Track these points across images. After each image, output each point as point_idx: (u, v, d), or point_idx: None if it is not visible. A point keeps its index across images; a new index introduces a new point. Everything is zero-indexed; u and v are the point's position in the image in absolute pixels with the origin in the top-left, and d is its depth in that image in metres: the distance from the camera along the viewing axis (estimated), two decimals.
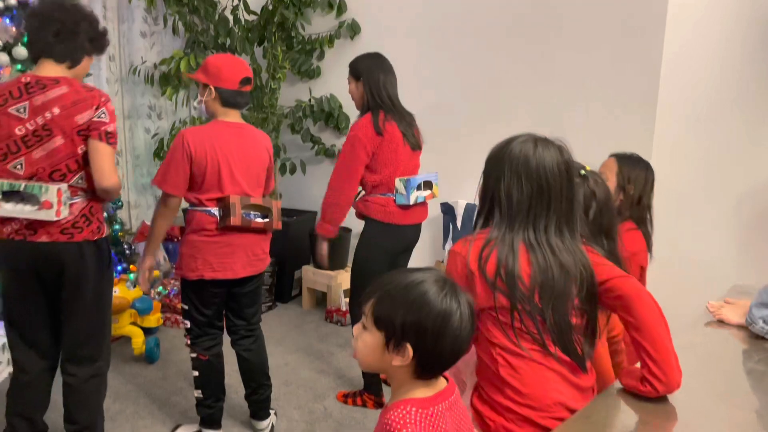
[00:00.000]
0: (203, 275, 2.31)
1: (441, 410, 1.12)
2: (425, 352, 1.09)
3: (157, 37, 4.24)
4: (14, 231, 1.98)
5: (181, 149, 2.22)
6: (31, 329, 2.11)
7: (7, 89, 1.97)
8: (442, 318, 1.08)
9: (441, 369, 1.14)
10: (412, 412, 1.09)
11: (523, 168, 1.38)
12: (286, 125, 4.20)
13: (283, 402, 2.88)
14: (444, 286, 1.11)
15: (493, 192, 1.42)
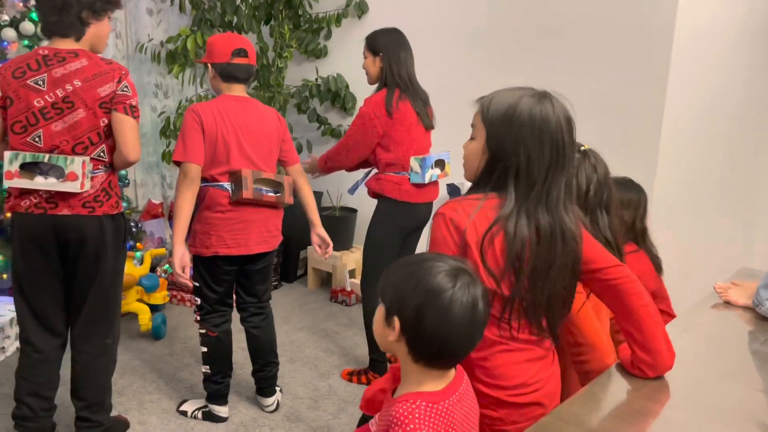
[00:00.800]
0: (217, 252, 2.32)
1: (451, 404, 1.08)
2: (410, 329, 1.06)
3: (163, 15, 4.21)
4: (33, 205, 1.98)
5: (193, 121, 2.23)
6: (44, 306, 2.09)
7: (24, 61, 1.96)
8: (428, 292, 1.04)
9: (433, 357, 1.07)
10: (421, 407, 1.05)
11: (545, 129, 1.21)
12: (292, 105, 4.19)
13: (288, 379, 2.90)
14: (452, 268, 1.06)
15: (508, 158, 1.22)
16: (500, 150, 1.23)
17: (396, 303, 1.07)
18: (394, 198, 2.68)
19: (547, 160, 1.22)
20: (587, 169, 1.55)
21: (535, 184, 1.22)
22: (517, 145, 1.21)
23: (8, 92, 1.94)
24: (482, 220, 1.22)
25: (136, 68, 4.12)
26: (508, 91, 1.27)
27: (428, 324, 1.04)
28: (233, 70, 2.31)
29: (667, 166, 3.05)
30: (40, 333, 2.11)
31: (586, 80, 3.19)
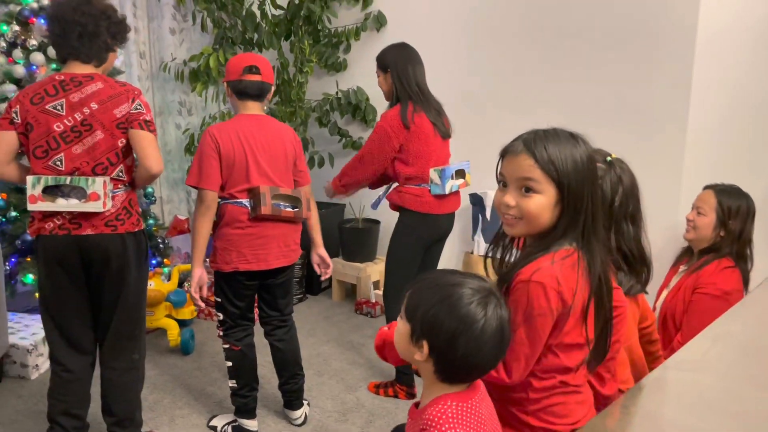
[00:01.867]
0: (237, 267, 2.35)
1: (478, 401, 1.10)
2: (440, 353, 1.07)
3: (186, 34, 4.29)
4: (57, 226, 2.03)
5: (210, 144, 2.27)
6: (72, 325, 2.13)
7: (41, 87, 2.01)
8: (460, 322, 1.05)
9: (460, 379, 1.11)
10: (453, 406, 1.07)
11: (596, 171, 1.27)
12: (313, 118, 4.23)
13: (315, 392, 2.91)
14: (480, 293, 1.07)
15: (585, 208, 1.24)
16: (579, 201, 1.24)
17: (427, 327, 1.08)
18: (416, 210, 2.69)
19: (600, 201, 1.27)
20: (612, 179, 1.53)
21: (601, 228, 1.27)
22: (592, 193, 1.25)
23: (28, 118, 1.98)
24: (572, 279, 1.23)
25: (160, 87, 4.20)
26: (554, 139, 1.25)
27: (460, 351, 1.06)
28: (244, 87, 2.35)
29: (693, 169, 3.01)
30: (69, 352, 2.14)
31: (606, 85, 3.17)
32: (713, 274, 2.08)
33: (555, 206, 1.24)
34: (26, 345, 2.92)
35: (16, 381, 2.92)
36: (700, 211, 2.18)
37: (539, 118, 2.40)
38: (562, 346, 1.27)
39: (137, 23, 3.97)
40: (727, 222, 2.10)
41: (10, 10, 3.10)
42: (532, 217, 1.25)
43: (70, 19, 2.00)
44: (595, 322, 1.27)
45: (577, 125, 1.34)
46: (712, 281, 2.06)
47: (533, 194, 1.24)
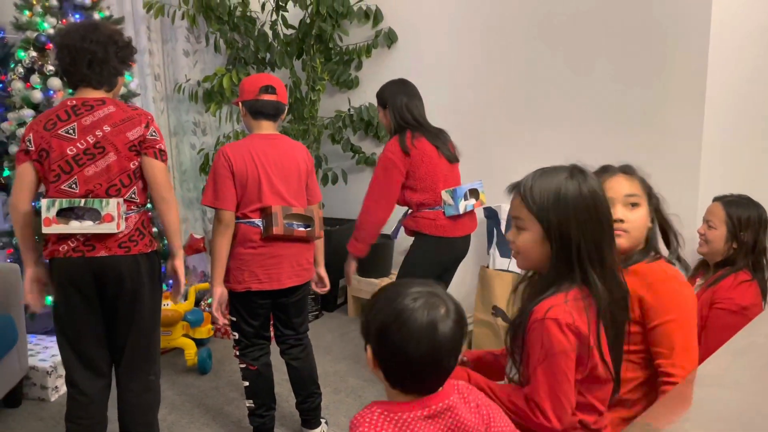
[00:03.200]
0: (250, 287, 2.36)
1: (413, 417, 1.07)
2: (378, 353, 1.09)
3: (199, 55, 4.35)
4: (71, 249, 2.04)
5: (223, 164, 2.29)
6: (87, 347, 2.13)
7: (53, 113, 2.04)
8: (388, 315, 1.07)
9: (406, 381, 1.09)
10: (375, 414, 1.07)
11: (598, 204, 1.28)
12: (326, 136, 4.25)
13: (333, 410, 2.90)
14: (418, 292, 1.08)
15: (575, 241, 1.26)
16: (565, 236, 1.26)
17: (365, 331, 1.12)
18: (431, 234, 2.69)
19: (607, 232, 1.29)
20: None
21: (605, 260, 1.28)
22: (583, 227, 1.26)
23: (42, 144, 2.01)
24: (580, 308, 1.27)
25: (174, 108, 4.25)
26: (546, 176, 1.30)
27: (389, 346, 1.07)
28: (260, 107, 2.38)
29: (709, 180, 2.97)
30: (85, 375, 2.14)
31: (618, 97, 3.15)
32: (730, 288, 2.04)
33: (542, 242, 1.29)
34: (45, 367, 2.94)
35: (35, 403, 2.94)
36: (710, 224, 2.16)
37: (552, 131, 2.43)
38: (585, 384, 1.29)
39: (152, 46, 4.03)
40: (739, 234, 2.06)
41: (27, 36, 3.16)
42: (522, 252, 1.34)
43: (79, 48, 2.03)
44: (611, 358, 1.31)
45: (588, 138, 1.35)
46: (729, 296, 2.03)
47: (522, 231, 1.32)
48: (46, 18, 3.15)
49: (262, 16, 4.15)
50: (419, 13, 3.90)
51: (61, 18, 3.18)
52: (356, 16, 4.03)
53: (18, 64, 3.19)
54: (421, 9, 3.89)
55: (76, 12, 3.22)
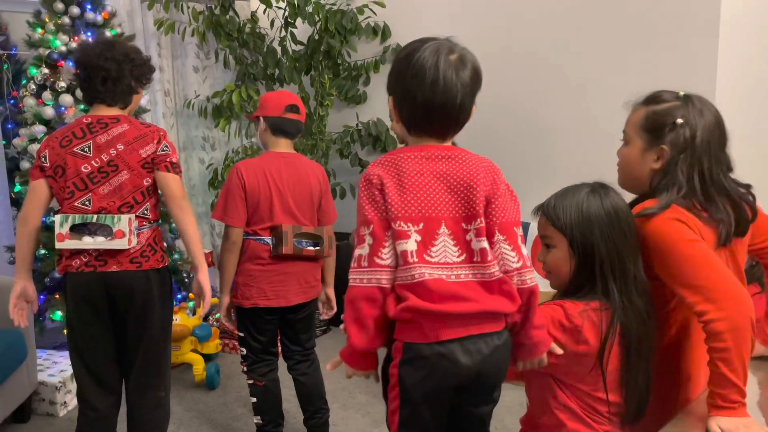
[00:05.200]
0: (257, 303, 2.36)
1: (410, 156, 1.21)
2: (395, 99, 1.22)
3: (209, 71, 4.39)
4: (83, 264, 2.05)
5: (236, 181, 2.31)
6: (99, 362, 2.13)
7: (69, 130, 2.06)
8: (401, 59, 1.20)
9: (416, 119, 1.22)
10: (382, 157, 1.25)
11: (622, 217, 1.31)
12: (334, 150, 4.26)
13: (341, 426, 2.88)
14: (437, 39, 1.21)
15: (599, 255, 1.30)
16: (589, 250, 1.30)
17: (388, 84, 1.25)
18: None
19: (630, 244, 1.30)
20: (691, 114, 1.38)
21: (628, 271, 1.30)
22: (603, 238, 1.29)
23: (58, 161, 2.03)
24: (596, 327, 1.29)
25: (184, 123, 4.28)
26: (568, 192, 1.35)
27: (401, 85, 1.20)
28: (284, 125, 2.39)
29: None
30: (97, 390, 2.14)
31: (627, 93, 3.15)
32: None
33: (570, 257, 1.33)
34: (54, 382, 2.94)
35: (44, 419, 2.94)
36: None
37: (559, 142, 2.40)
38: (580, 393, 1.31)
39: (162, 62, 4.08)
40: None
41: (39, 53, 3.20)
42: (553, 270, 1.37)
43: (94, 65, 2.05)
44: (627, 377, 1.31)
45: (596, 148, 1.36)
46: None
47: (551, 249, 1.36)
48: (59, 35, 3.19)
49: (271, 33, 4.19)
50: (427, 30, 3.90)
51: (73, 35, 3.22)
52: (364, 32, 4.06)
53: (30, 80, 3.23)
54: (429, 26, 3.91)
55: (88, 30, 3.26)
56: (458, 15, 3.78)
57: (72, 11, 3.21)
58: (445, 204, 1.20)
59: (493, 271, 1.19)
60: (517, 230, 1.24)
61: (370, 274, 1.20)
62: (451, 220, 1.20)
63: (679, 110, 1.38)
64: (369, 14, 4.02)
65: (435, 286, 1.16)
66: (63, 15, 3.21)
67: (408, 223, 1.19)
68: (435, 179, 1.20)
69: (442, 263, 1.19)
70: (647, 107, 1.43)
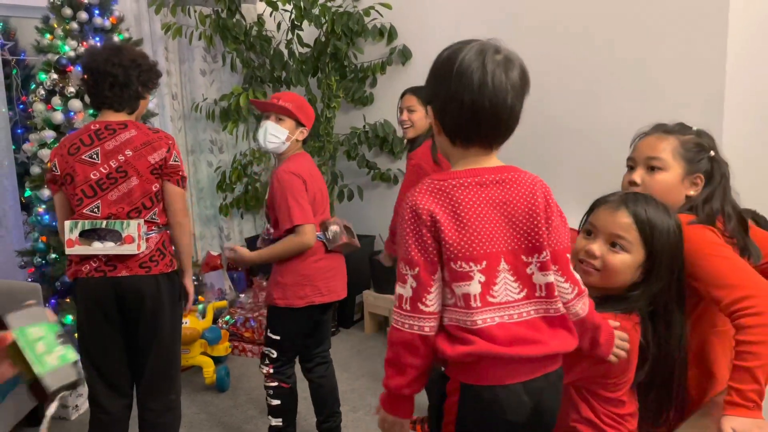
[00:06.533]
0: (313, 301, 2.37)
1: (459, 184, 1.10)
2: (436, 108, 1.11)
3: (216, 75, 4.40)
4: (93, 269, 2.07)
5: (299, 183, 2.30)
6: (110, 366, 2.15)
7: (77, 137, 2.08)
8: (442, 63, 1.10)
9: (460, 129, 1.11)
10: (426, 183, 1.12)
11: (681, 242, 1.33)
12: (341, 152, 4.27)
13: (351, 429, 2.88)
14: (479, 40, 1.11)
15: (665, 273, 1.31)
16: (664, 270, 1.30)
17: (427, 92, 1.17)
18: None
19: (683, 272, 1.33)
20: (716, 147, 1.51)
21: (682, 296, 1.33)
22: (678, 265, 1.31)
23: (67, 169, 2.05)
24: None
25: (192, 126, 4.30)
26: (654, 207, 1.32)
27: (443, 91, 1.09)
28: (309, 136, 2.49)
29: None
30: (108, 394, 2.16)
31: (636, 94, 3.14)
32: None
33: (638, 268, 1.30)
34: None
35: (56, 422, 2.96)
36: None
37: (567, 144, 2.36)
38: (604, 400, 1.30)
39: (169, 66, 4.09)
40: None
41: (48, 59, 3.22)
42: (612, 272, 1.29)
43: (102, 71, 2.07)
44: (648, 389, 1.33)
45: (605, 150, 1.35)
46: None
47: (621, 251, 1.29)
48: (67, 41, 3.20)
49: (277, 36, 4.20)
50: (433, 31, 3.92)
51: (82, 40, 3.23)
52: (371, 34, 4.06)
53: (39, 85, 3.24)
54: (435, 27, 3.91)
55: (96, 35, 3.28)
56: (465, 16, 3.77)
57: (80, 16, 3.22)
58: (504, 237, 1.10)
59: (558, 307, 1.12)
60: (569, 257, 1.17)
61: (412, 319, 1.11)
62: (510, 254, 1.10)
63: (706, 142, 1.49)
64: (375, 16, 4.02)
65: (499, 332, 1.07)
66: (71, 20, 3.22)
67: (470, 262, 1.08)
68: (493, 209, 1.10)
69: (504, 303, 1.10)
70: (678, 136, 1.48)
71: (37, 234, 3.20)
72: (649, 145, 1.49)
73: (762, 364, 1.22)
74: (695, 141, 1.47)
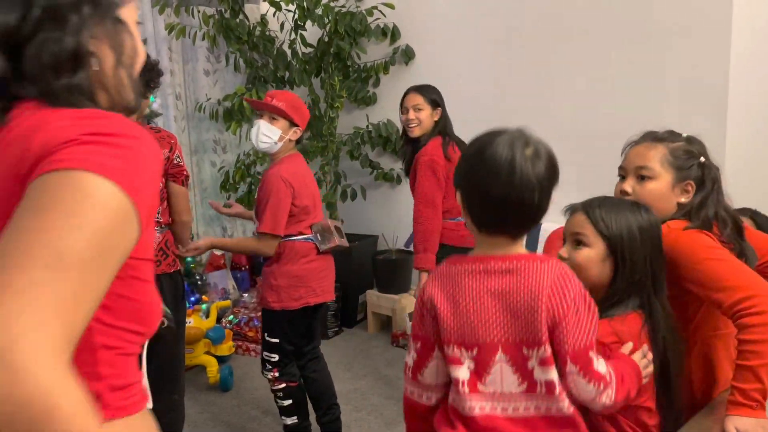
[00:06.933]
0: (308, 302, 2.39)
1: (467, 270, 1.12)
2: (464, 194, 1.13)
3: (219, 75, 4.41)
4: None
5: (285, 192, 2.29)
6: None
7: None
8: (470, 146, 1.13)
9: (487, 218, 1.11)
10: (444, 264, 1.17)
11: (657, 234, 1.34)
12: (345, 152, 4.27)
13: (354, 429, 2.89)
14: (510, 130, 1.11)
15: (635, 264, 1.30)
16: (634, 265, 1.30)
17: (455, 177, 1.17)
18: (452, 244, 2.68)
19: (663, 261, 1.33)
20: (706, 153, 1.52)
21: (663, 289, 1.32)
22: (652, 259, 1.31)
23: None
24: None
25: (195, 126, 4.31)
26: (612, 202, 1.36)
27: (472, 180, 1.11)
28: (307, 136, 2.47)
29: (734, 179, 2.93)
30: None
31: (639, 109, 3.14)
32: None
33: (603, 261, 1.31)
34: None
35: None
36: None
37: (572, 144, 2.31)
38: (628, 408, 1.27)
39: (173, 66, 4.11)
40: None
41: None
42: (580, 269, 1.30)
43: None
44: (661, 385, 1.31)
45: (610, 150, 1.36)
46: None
47: (582, 247, 1.33)
48: None
49: (280, 36, 4.21)
50: (436, 31, 3.92)
51: None
52: (374, 34, 4.07)
53: None
54: (439, 26, 3.91)
55: None
56: (467, 17, 3.77)
57: None
58: (503, 327, 1.08)
59: (562, 406, 1.07)
60: (592, 354, 1.09)
61: (413, 386, 1.20)
62: (509, 345, 1.08)
63: (696, 149, 1.49)
64: (378, 16, 4.02)
65: (485, 423, 1.06)
66: None
67: (461, 348, 1.10)
68: (492, 298, 1.09)
69: (497, 394, 1.08)
70: (668, 144, 1.49)
71: None
72: (639, 153, 1.50)
73: (765, 362, 1.22)
74: (684, 148, 1.48)
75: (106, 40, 0.75)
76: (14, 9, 0.69)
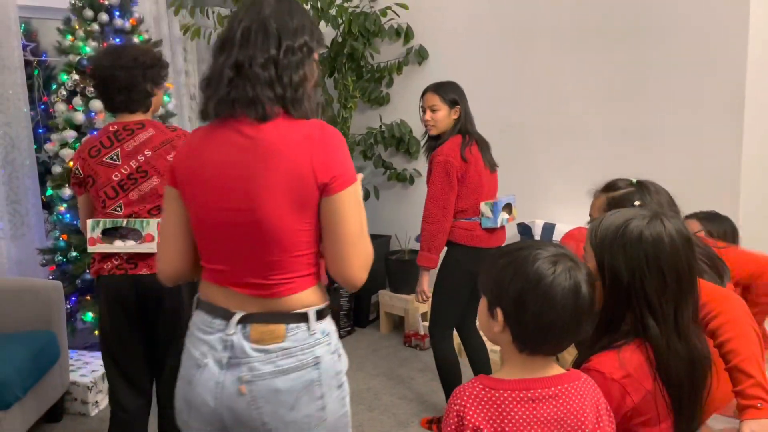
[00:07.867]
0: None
1: (514, 398, 1.06)
2: (511, 317, 1.07)
3: None
4: (114, 266, 2.10)
5: None
6: (130, 364, 2.17)
7: (97, 140, 2.10)
8: (526, 280, 1.05)
9: (538, 343, 1.07)
10: (477, 388, 1.08)
11: (661, 253, 1.20)
12: (358, 152, 4.28)
13: (367, 428, 2.89)
14: (550, 253, 1.06)
15: (627, 285, 1.21)
16: (615, 276, 1.22)
17: (496, 294, 1.09)
18: (467, 244, 2.68)
19: (673, 288, 1.20)
20: (650, 201, 1.54)
21: (664, 313, 1.20)
22: (633, 270, 1.20)
23: (89, 172, 2.08)
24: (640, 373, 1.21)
25: None
26: (619, 213, 1.27)
27: (530, 311, 1.05)
28: None
29: (749, 186, 2.91)
30: (128, 392, 2.17)
31: (655, 112, 3.12)
32: None
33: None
34: (86, 382, 3.00)
35: (76, 418, 3.00)
36: None
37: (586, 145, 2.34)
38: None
39: (188, 67, 4.14)
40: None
41: (69, 60, 3.27)
42: None
43: (107, 75, 2.07)
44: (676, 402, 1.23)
45: (623, 151, 1.34)
46: None
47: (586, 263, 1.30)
48: (88, 42, 3.25)
49: None
50: (449, 31, 3.92)
51: (102, 41, 3.28)
52: (387, 34, 4.07)
53: (61, 86, 3.30)
54: (452, 27, 3.91)
55: (116, 36, 3.32)
56: (481, 16, 3.77)
57: (101, 18, 3.27)
58: None
59: None
60: None
61: None
62: None
63: (635, 195, 1.55)
64: (392, 16, 4.03)
65: None
66: (92, 22, 3.27)
67: None
68: (543, 428, 1.07)
69: None
70: (606, 194, 1.61)
71: (58, 232, 3.25)
72: (592, 205, 1.68)
73: (743, 357, 1.24)
74: (618, 195, 1.58)
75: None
76: None
